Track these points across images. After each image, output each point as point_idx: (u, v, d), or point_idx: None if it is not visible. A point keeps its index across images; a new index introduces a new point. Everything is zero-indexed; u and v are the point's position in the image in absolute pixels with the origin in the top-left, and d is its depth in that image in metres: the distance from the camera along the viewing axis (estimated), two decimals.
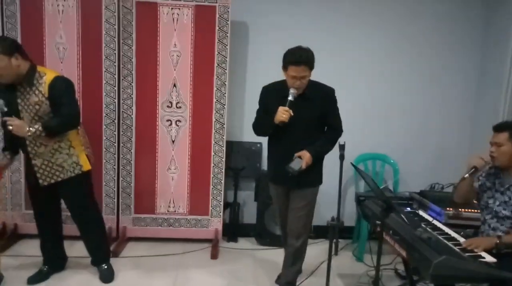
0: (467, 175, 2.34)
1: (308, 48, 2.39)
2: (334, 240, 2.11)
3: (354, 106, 3.73)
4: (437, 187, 3.43)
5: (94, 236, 2.87)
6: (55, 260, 2.89)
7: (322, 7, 3.61)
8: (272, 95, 2.51)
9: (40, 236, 2.84)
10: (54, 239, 2.86)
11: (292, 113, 2.33)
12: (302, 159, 2.35)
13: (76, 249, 3.07)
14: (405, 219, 1.99)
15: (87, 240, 2.87)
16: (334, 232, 2.07)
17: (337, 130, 2.57)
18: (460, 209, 2.81)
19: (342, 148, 2.00)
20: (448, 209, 2.84)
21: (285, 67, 2.40)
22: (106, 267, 2.88)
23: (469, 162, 2.37)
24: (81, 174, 2.67)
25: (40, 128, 2.44)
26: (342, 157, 2.00)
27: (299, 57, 2.33)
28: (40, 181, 2.58)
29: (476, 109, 3.80)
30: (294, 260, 2.66)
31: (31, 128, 2.42)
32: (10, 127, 2.39)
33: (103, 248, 2.93)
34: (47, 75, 2.53)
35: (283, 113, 2.33)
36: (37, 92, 2.48)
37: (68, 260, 2.97)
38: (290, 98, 2.36)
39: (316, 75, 2.50)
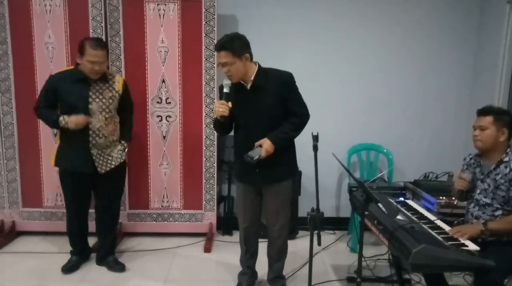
0: (456, 201, 2.47)
1: (233, 34, 2.30)
2: (316, 231, 2.08)
3: (348, 97, 3.71)
4: (431, 176, 3.38)
5: (114, 229, 3.03)
6: (84, 251, 3.03)
7: None
8: (234, 90, 2.34)
9: (72, 227, 2.93)
10: (85, 229, 2.99)
11: (230, 105, 2.24)
12: (262, 147, 2.23)
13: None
14: (382, 208, 1.97)
15: (108, 232, 2.96)
16: (315, 222, 2.04)
17: (302, 116, 2.37)
18: (452, 198, 2.77)
19: (315, 138, 1.95)
20: (440, 198, 2.82)
21: None
22: (115, 257, 3.00)
23: (454, 187, 2.39)
24: (124, 161, 2.93)
25: (126, 144, 2.91)
26: (315, 148, 1.95)
27: (217, 43, 2.29)
28: (99, 169, 2.74)
29: (472, 98, 3.71)
30: (279, 256, 2.65)
31: (123, 149, 2.89)
32: None
33: (114, 242, 3.09)
34: (117, 76, 2.87)
35: (219, 107, 2.24)
36: (110, 88, 2.75)
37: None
38: (225, 90, 2.28)
39: (309, 65, 2.46)
